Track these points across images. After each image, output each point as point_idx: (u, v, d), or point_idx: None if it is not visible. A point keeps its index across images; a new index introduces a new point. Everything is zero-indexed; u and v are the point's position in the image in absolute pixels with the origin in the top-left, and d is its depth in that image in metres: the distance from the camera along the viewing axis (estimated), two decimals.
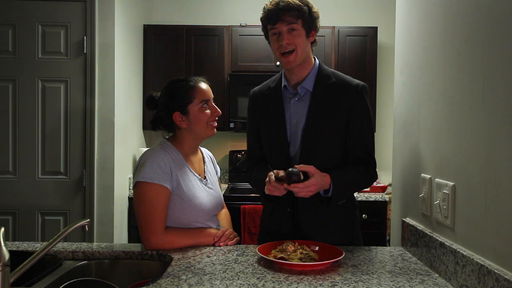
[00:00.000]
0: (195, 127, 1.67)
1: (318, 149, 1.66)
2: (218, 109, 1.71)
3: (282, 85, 1.73)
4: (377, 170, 1.73)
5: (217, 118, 1.72)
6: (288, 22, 1.59)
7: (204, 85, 1.70)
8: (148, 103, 1.74)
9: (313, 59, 1.73)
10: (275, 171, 1.58)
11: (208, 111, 1.68)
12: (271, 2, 1.62)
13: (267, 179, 1.58)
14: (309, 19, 1.63)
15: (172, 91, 1.68)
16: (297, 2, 1.59)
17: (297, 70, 1.68)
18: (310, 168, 1.52)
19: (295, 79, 1.71)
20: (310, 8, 1.63)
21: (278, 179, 1.55)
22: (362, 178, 1.68)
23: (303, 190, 1.50)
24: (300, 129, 1.67)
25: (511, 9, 1.02)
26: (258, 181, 1.69)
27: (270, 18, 1.61)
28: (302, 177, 1.51)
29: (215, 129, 1.72)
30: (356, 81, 1.70)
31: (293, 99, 1.71)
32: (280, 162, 1.68)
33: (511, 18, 1.02)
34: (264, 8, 1.65)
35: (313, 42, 1.70)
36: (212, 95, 1.72)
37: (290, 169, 1.51)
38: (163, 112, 1.69)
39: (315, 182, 1.51)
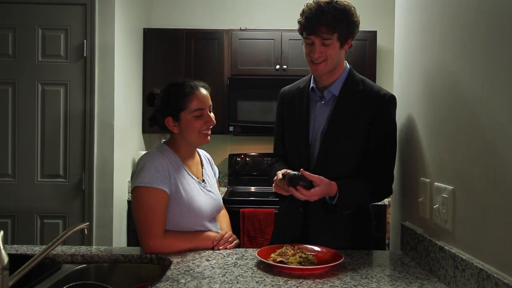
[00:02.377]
0: (186, 134, 1.66)
1: (335, 154, 1.65)
2: (213, 119, 1.67)
3: (310, 86, 1.73)
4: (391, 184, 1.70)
5: (211, 127, 1.68)
6: (323, 37, 1.56)
7: (201, 93, 1.66)
8: (148, 99, 1.75)
9: (344, 64, 1.71)
10: (283, 170, 1.59)
11: (201, 120, 1.64)
12: (311, 8, 1.57)
13: (275, 177, 1.59)
14: (346, 31, 1.59)
15: (168, 95, 1.67)
16: (338, 15, 1.55)
17: (325, 75, 1.67)
18: (315, 178, 1.50)
19: (323, 83, 1.70)
20: (349, 18, 1.58)
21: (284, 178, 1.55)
22: (372, 191, 1.65)
23: (303, 197, 1.50)
24: (320, 133, 1.67)
25: (510, 14, 1.03)
26: (271, 178, 1.69)
27: (306, 27, 1.59)
28: (305, 183, 1.49)
29: (208, 137, 1.69)
30: (385, 91, 1.67)
31: (319, 102, 1.71)
32: (299, 162, 1.68)
33: (510, 23, 1.03)
34: (304, 10, 1.60)
35: (349, 47, 1.68)
36: (210, 103, 1.69)
37: (294, 173, 1.51)
38: (158, 114, 1.70)
39: (320, 191, 1.50)
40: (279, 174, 1.57)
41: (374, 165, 1.65)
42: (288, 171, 1.58)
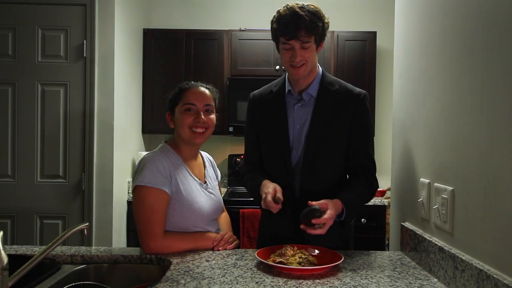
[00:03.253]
0: (179, 130, 1.67)
1: (321, 153, 1.67)
2: (203, 117, 1.64)
3: (286, 90, 1.74)
4: (376, 175, 1.73)
5: (204, 127, 1.65)
6: (303, 40, 1.58)
7: (197, 89, 1.68)
8: None
9: (317, 67, 1.74)
10: (271, 189, 1.55)
11: (190, 115, 1.64)
12: (285, 14, 1.59)
13: (264, 196, 1.55)
14: (321, 33, 1.63)
15: (170, 93, 1.73)
16: (314, 18, 1.58)
17: (302, 79, 1.69)
18: (322, 205, 1.48)
19: (300, 86, 1.72)
20: (323, 21, 1.63)
21: (275, 201, 1.52)
22: (367, 192, 1.68)
23: (322, 227, 1.45)
24: (304, 134, 1.68)
25: (509, 15, 1.03)
26: (254, 190, 1.69)
27: (284, 32, 1.59)
28: (319, 213, 1.45)
29: (201, 138, 1.66)
30: (358, 89, 1.72)
31: (297, 105, 1.72)
32: (281, 167, 1.69)
33: (509, 24, 1.03)
34: (278, 17, 1.62)
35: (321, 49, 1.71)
36: (207, 102, 1.67)
37: (310, 208, 1.46)
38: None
39: (334, 213, 1.48)
40: (269, 196, 1.52)
41: (359, 160, 1.69)
42: (276, 190, 1.55)
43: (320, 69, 1.75)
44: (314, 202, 1.49)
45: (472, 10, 1.21)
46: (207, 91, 1.70)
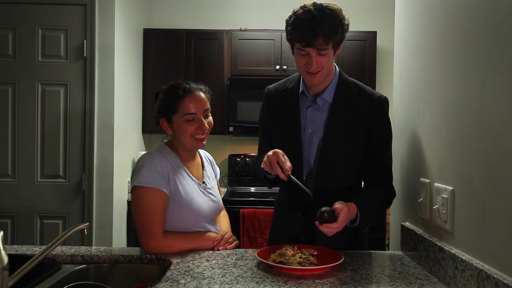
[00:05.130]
0: (180, 137, 1.64)
1: (335, 161, 1.61)
2: (205, 124, 1.62)
3: (300, 90, 1.66)
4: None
5: (206, 132, 1.63)
6: (320, 48, 1.49)
7: (194, 97, 1.62)
8: (154, 98, 1.73)
9: (334, 68, 1.66)
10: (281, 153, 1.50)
11: (192, 124, 1.61)
12: (302, 18, 1.48)
13: (271, 153, 1.48)
14: (340, 38, 1.54)
15: (162, 97, 1.66)
16: (333, 24, 1.48)
17: (318, 84, 1.62)
18: (337, 209, 1.42)
19: (315, 90, 1.64)
20: (343, 24, 1.53)
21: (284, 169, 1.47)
22: (385, 202, 1.64)
23: (334, 230, 1.41)
24: (316, 140, 1.63)
25: (509, 14, 1.03)
26: (259, 163, 1.61)
27: (300, 39, 1.49)
28: (336, 215, 1.42)
29: (203, 142, 1.64)
30: (378, 93, 1.64)
31: (311, 107, 1.65)
32: (294, 165, 1.59)
33: (509, 23, 1.03)
34: (294, 20, 1.50)
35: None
36: (206, 107, 1.64)
37: (328, 209, 1.42)
38: (156, 114, 1.69)
39: (346, 216, 1.42)
40: (280, 155, 1.47)
41: (376, 169, 1.64)
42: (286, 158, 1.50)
43: (337, 70, 1.67)
44: (338, 206, 1.42)
45: (472, 9, 1.21)
46: (203, 95, 1.65)
